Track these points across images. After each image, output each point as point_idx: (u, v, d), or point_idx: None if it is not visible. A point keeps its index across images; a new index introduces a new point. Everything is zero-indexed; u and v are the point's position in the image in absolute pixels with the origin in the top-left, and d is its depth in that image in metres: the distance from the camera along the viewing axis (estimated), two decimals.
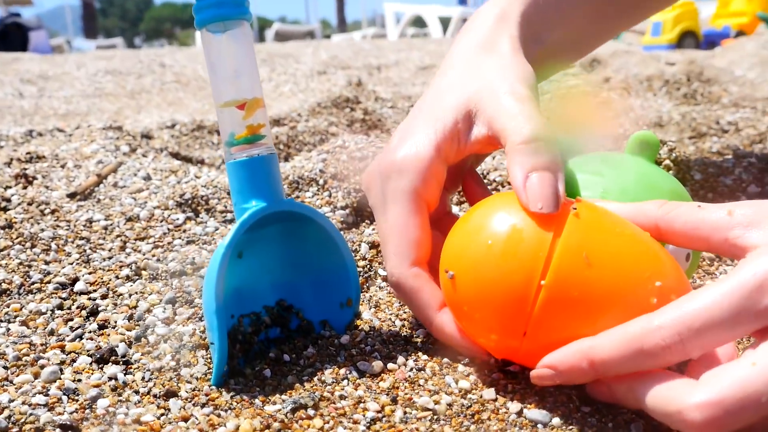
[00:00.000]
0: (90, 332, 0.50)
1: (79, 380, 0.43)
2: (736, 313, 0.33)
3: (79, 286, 0.57)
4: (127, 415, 0.40)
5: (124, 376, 0.44)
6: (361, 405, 0.40)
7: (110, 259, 0.63)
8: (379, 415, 0.40)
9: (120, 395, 0.42)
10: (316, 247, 0.49)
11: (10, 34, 7.19)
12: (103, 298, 0.55)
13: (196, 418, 0.39)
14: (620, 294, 0.37)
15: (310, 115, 1.35)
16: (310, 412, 0.40)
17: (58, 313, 0.53)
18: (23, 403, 0.41)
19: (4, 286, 0.56)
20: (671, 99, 1.46)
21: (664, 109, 1.34)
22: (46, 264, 0.61)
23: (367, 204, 0.51)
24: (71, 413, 0.40)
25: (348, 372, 0.44)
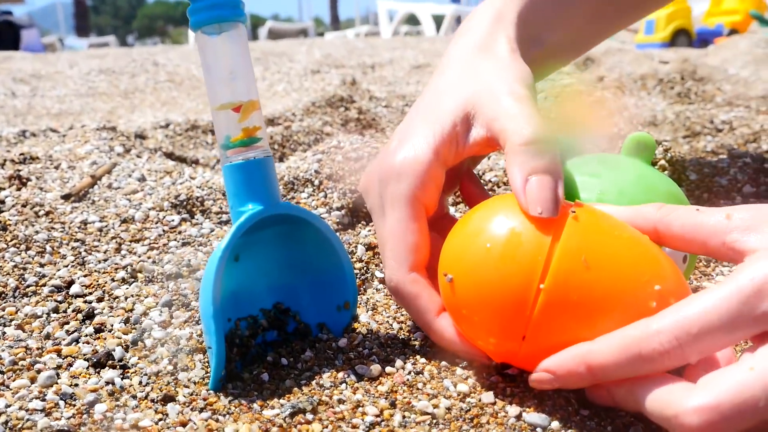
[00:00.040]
0: (86, 336, 0.49)
1: (76, 385, 0.43)
2: (734, 317, 0.33)
3: (74, 288, 0.56)
4: (124, 420, 0.40)
5: (122, 380, 0.44)
6: (360, 409, 0.40)
7: (105, 261, 0.62)
8: (378, 420, 0.39)
9: (117, 400, 0.42)
10: (313, 250, 0.49)
11: (2, 33, 7.16)
12: (99, 301, 0.55)
13: (195, 423, 0.39)
14: (620, 297, 0.37)
15: (305, 115, 1.35)
16: (309, 417, 0.39)
17: (53, 317, 0.52)
18: (20, 408, 0.40)
19: None
20: (665, 98, 1.46)
21: (658, 108, 1.34)
22: (41, 266, 0.61)
23: (363, 204, 0.51)
24: (68, 418, 0.40)
25: (346, 375, 0.44)
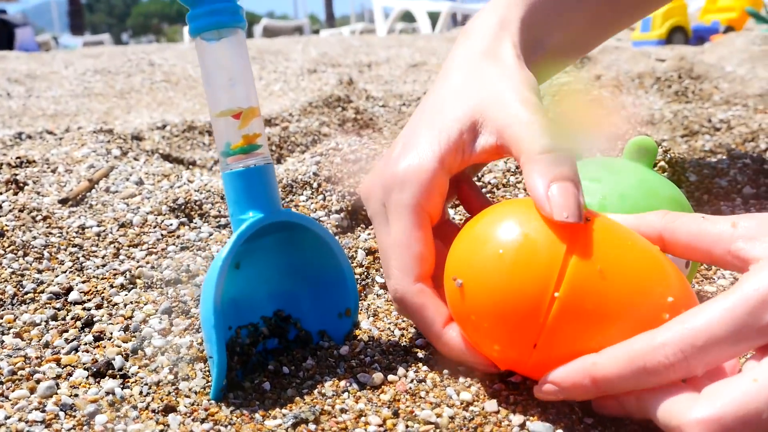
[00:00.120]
0: (86, 344, 0.49)
1: (76, 395, 0.43)
2: (739, 329, 0.33)
3: (73, 295, 0.56)
4: (125, 431, 0.39)
5: (122, 390, 0.43)
6: (363, 419, 0.40)
7: (104, 266, 0.62)
8: (381, 429, 0.39)
9: (118, 411, 0.41)
10: (313, 257, 0.48)
11: None
12: (98, 308, 0.55)
13: None
14: (633, 308, 0.37)
15: (302, 115, 1.34)
16: (311, 427, 0.39)
17: (52, 324, 0.52)
18: (20, 420, 0.40)
19: None
20: (662, 96, 1.46)
21: (656, 106, 1.34)
22: (39, 273, 0.60)
23: (363, 207, 0.51)
24: (69, 430, 0.39)
25: (348, 384, 0.43)
